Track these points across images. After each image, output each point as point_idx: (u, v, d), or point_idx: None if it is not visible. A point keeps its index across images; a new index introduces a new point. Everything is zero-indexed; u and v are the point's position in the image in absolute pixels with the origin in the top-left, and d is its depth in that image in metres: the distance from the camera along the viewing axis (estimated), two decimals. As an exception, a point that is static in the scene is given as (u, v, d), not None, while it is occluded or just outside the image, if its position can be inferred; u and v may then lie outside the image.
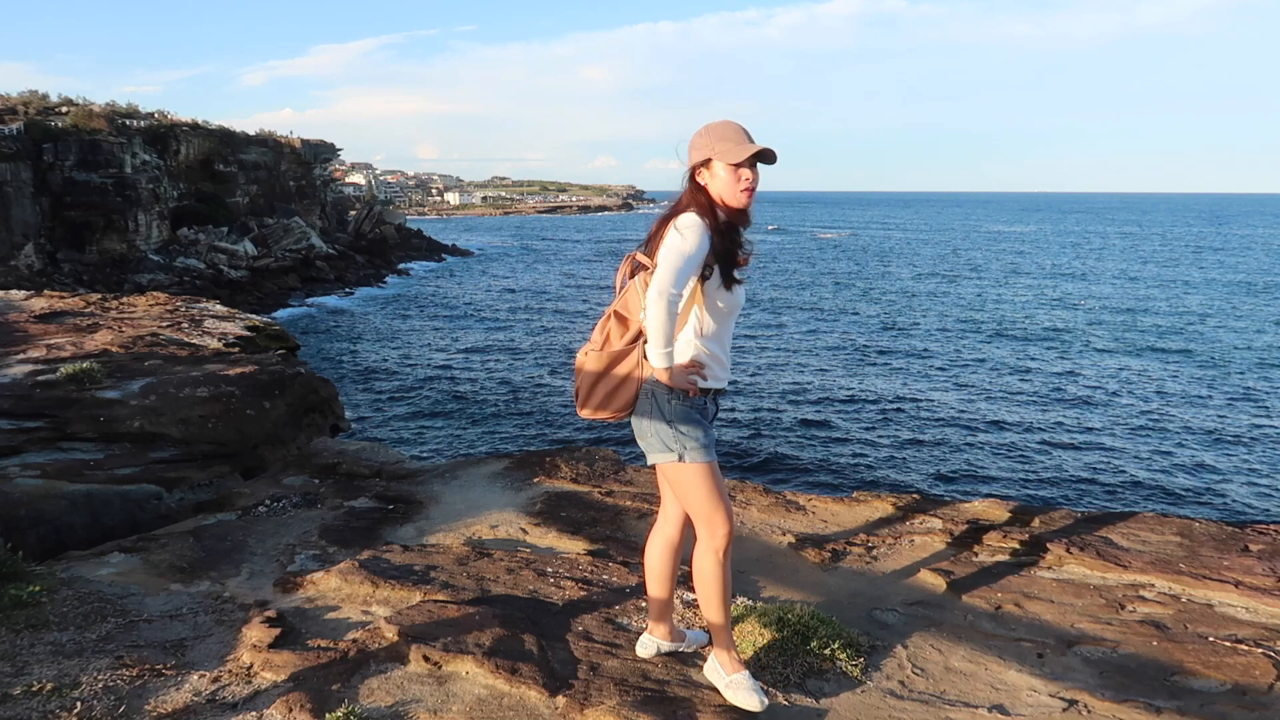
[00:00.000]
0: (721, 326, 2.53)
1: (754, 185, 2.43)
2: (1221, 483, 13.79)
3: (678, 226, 2.39)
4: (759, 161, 2.44)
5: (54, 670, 2.75)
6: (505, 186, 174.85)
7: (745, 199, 2.44)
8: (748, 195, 2.44)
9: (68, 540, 4.36)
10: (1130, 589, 3.40)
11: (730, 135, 2.41)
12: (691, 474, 2.52)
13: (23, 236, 28.08)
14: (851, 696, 2.68)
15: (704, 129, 2.45)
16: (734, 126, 2.43)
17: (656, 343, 2.41)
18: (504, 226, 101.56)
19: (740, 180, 2.41)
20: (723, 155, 2.40)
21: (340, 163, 71.91)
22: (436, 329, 28.78)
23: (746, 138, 2.41)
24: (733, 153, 2.39)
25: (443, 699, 2.61)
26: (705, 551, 2.57)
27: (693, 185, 2.47)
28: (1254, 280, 43.22)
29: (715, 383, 2.55)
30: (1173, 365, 22.62)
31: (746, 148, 2.38)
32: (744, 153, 2.38)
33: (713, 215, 2.42)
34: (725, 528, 2.54)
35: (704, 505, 2.54)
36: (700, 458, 2.50)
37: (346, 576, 3.48)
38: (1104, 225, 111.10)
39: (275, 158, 43.35)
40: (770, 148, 2.39)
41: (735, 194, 2.43)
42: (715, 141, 2.41)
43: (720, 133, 2.42)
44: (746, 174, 2.42)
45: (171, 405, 5.59)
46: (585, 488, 4.74)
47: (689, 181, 2.48)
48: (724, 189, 2.44)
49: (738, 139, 2.41)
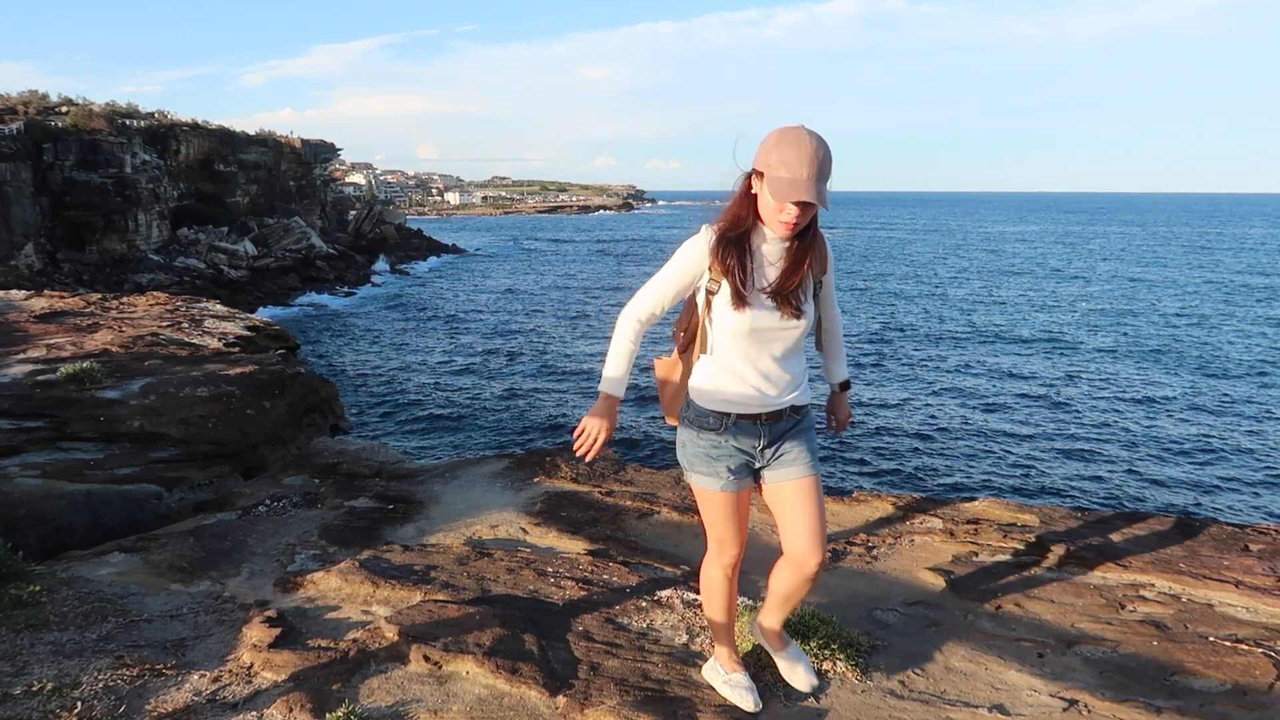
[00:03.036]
0: (742, 347, 2.31)
1: (797, 222, 2.17)
2: (1222, 483, 13.79)
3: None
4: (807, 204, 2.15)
5: (54, 670, 2.75)
6: (505, 186, 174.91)
7: (781, 230, 2.21)
8: (786, 229, 2.19)
9: (68, 540, 4.36)
10: (1130, 589, 3.40)
11: (790, 162, 2.09)
12: (698, 493, 2.48)
13: (23, 236, 28.07)
14: (851, 696, 2.68)
15: (776, 136, 2.14)
16: (799, 150, 2.09)
17: (608, 358, 2.40)
18: (504, 226, 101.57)
19: (782, 211, 2.16)
20: (771, 183, 2.13)
21: (340, 163, 71.93)
22: (437, 329, 28.77)
23: (807, 170, 2.08)
24: (780, 186, 2.11)
25: (443, 699, 2.61)
26: (712, 565, 2.58)
27: (744, 190, 2.26)
28: (1254, 282, 43.21)
29: (731, 406, 2.36)
30: (1173, 365, 22.62)
31: (795, 188, 2.09)
32: (788, 194, 2.10)
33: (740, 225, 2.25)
34: (733, 552, 2.51)
35: (712, 526, 2.51)
36: (702, 483, 2.43)
37: (347, 576, 3.48)
38: (1104, 225, 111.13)
39: (275, 158, 43.33)
40: (814, 201, 2.10)
41: (774, 222, 2.21)
42: (775, 160, 2.12)
43: (783, 154, 2.10)
44: (791, 210, 2.15)
45: (171, 405, 5.59)
46: (585, 488, 4.74)
47: (742, 183, 2.26)
48: (766, 212, 2.22)
49: (795, 171, 2.09)
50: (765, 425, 2.38)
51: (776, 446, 2.41)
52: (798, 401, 2.41)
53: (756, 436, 2.39)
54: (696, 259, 2.30)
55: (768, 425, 2.39)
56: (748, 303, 2.24)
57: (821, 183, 2.10)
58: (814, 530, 2.37)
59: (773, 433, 2.40)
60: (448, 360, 23.51)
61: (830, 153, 2.11)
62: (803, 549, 2.37)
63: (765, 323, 2.28)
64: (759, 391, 2.34)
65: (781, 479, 2.41)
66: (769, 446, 2.40)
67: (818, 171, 2.09)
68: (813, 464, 2.43)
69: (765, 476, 2.44)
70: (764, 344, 2.31)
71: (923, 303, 34.93)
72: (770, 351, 2.32)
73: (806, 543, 2.36)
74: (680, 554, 3.90)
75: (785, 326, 2.29)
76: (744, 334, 2.28)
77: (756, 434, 2.38)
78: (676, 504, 4.44)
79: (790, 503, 2.39)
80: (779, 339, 2.31)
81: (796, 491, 2.38)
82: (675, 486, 4.74)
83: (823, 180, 2.10)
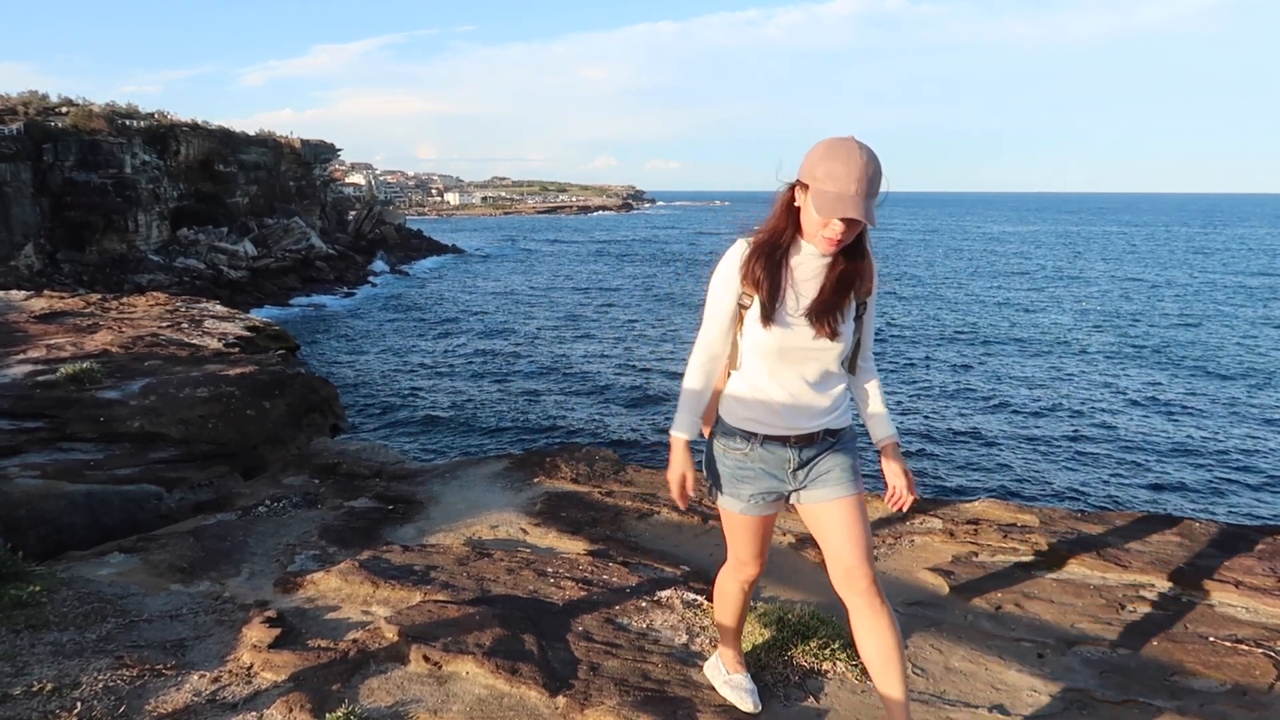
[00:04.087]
0: (770, 366, 2.19)
1: (841, 239, 2.05)
2: (1222, 483, 13.79)
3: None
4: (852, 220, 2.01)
5: (54, 670, 2.75)
6: (505, 187, 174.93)
7: (825, 247, 2.08)
8: (829, 244, 2.06)
9: (68, 540, 4.36)
10: (1130, 589, 3.41)
11: (837, 176, 1.96)
12: (721, 511, 2.40)
13: (23, 237, 28.06)
14: (851, 696, 2.68)
15: (823, 147, 2.01)
16: (847, 164, 1.96)
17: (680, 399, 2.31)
18: (503, 227, 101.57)
19: (825, 227, 2.04)
20: (816, 197, 2.01)
21: (340, 163, 71.92)
22: (436, 329, 28.76)
23: (855, 185, 1.95)
24: (826, 201, 1.98)
25: (443, 699, 2.61)
26: (730, 578, 2.53)
27: (786, 201, 2.13)
28: (1254, 283, 43.22)
29: (758, 427, 2.24)
30: (1172, 366, 22.62)
31: (842, 204, 1.96)
32: (834, 209, 1.97)
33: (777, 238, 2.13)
34: (752, 573, 2.46)
35: (733, 545, 2.44)
36: (725, 502, 2.34)
37: (346, 576, 3.48)
38: (1104, 226, 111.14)
39: (275, 158, 43.33)
40: (862, 218, 1.97)
41: (817, 237, 2.07)
42: (821, 173, 1.99)
43: (830, 167, 1.97)
44: (836, 226, 2.02)
45: (171, 405, 5.59)
46: (585, 488, 4.74)
47: (784, 193, 2.13)
48: (809, 226, 2.08)
49: (843, 186, 1.96)
50: (796, 447, 2.25)
51: (810, 466, 2.27)
52: (833, 425, 2.26)
53: (786, 459, 2.25)
54: (731, 272, 2.19)
55: (798, 447, 2.25)
56: (775, 320, 2.12)
57: (870, 199, 1.97)
58: (859, 544, 2.21)
59: (805, 455, 2.26)
60: (447, 360, 23.51)
61: (881, 167, 1.98)
62: (848, 561, 2.21)
63: (796, 342, 2.15)
64: (788, 414, 2.21)
65: (819, 500, 2.26)
66: (801, 468, 2.27)
67: (866, 188, 1.96)
68: (853, 481, 2.26)
69: (801, 498, 2.30)
70: (794, 364, 2.18)
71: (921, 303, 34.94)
72: (802, 373, 2.19)
73: (852, 555, 2.21)
74: (680, 554, 3.90)
75: (818, 348, 2.16)
76: (772, 353, 2.17)
77: (786, 456, 2.25)
78: (676, 504, 4.43)
79: (831, 524, 2.24)
80: (811, 360, 2.18)
81: (837, 512, 2.24)
82: (675, 487, 4.73)
83: (872, 197, 1.97)
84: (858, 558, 2.19)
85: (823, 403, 2.22)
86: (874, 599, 2.19)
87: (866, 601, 2.19)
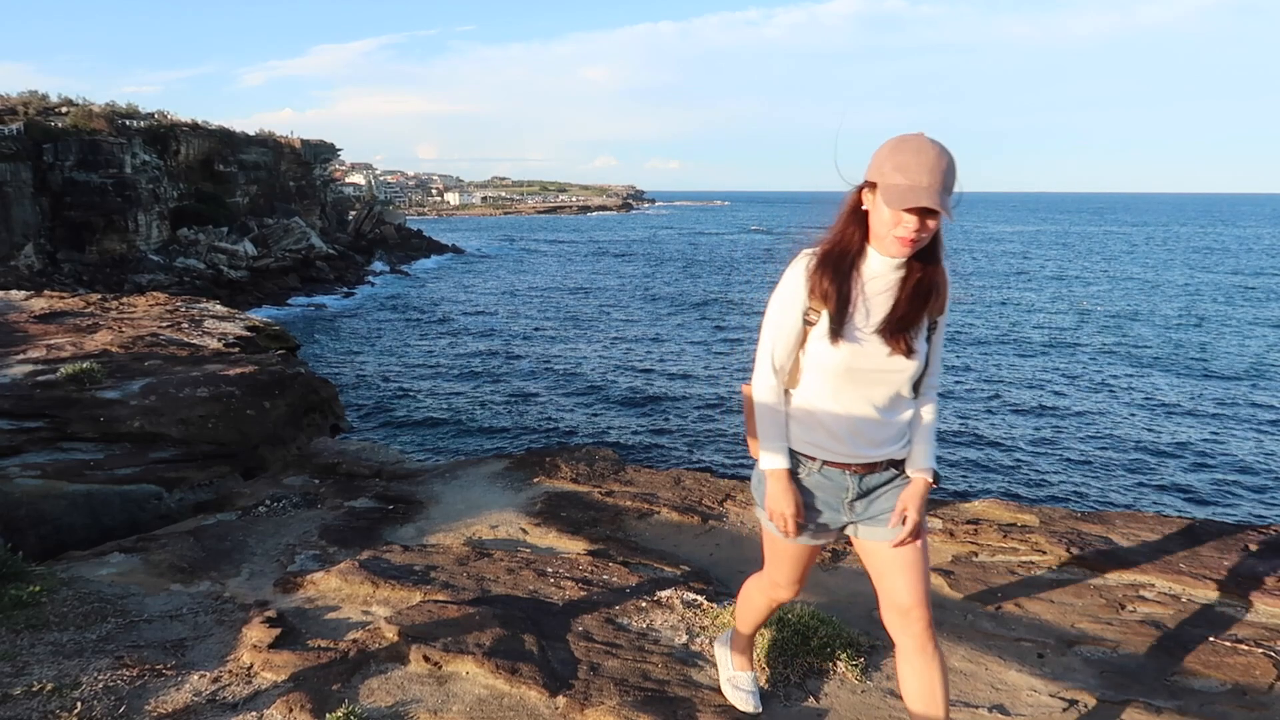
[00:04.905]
0: (835, 387, 2.02)
1: (916, 237, 1.86)
2: (1222, 483, 13.79)
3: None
4: (928, 214, 1.84)
5: (54, 670, 2.75)
6: (505, 186, 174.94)
7: (897, 250, 1.89)
8: (901, 245, 1.88)
9: (68, 540, 4.36)
10: (1130, 589, 3.41)
11: (908, 167, 1.80)
12: (765, 533, 2.27)
13: (23, 236, 28.08)
14: (851, 696, 2.68)
15: (892, 143, 1.86)
16: (918, 156, 1.81)
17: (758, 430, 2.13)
18: (503, 226, 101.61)
19: (898, 224, 1.85)
20: (886, 191, 1.84)
21: (340, 163, 71.94)
22: (436, 329, 28.77)
23: (927, 177, 1.79)
24: (896, 193, 1.81)
25: (443, 699, 2.61)
26: (760, 592, 2.42)
27: (853, 205, 1.96)
28: (1253, 283, 43.21)
29: (817, 451, 2.08)
30: (1172, 366, 22.62)
31: (914, 194, 1.79)
32: (905, 199, 1.80)
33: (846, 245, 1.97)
34: (786, 596, 2.35)
35: (771, 565, 2.31)
36: (771, 527, 2.19)
37: (346, 576, 3.48)
38: (1104, 225, 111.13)
39: (275, 158, 43.35)
40: (938, 208, 1.78)
41: (887, 240, 1.89)
42: (890, 167, 1.84)
43: (899, 159, 1.82)
44: (910, 221, 1.84)
45: (171, 405, 5.59)
46: (585, 488, 4.74)
47: (850, 197, 1.97)
48: (879, 227, 1.90)
49: (914, 178, 1.80)
50: (856, 476, 2.08)
51: (870, 498, 2.10)
52: (898, 455, 2.10)
53: (844, 488, 2.09)
54: (797, 288, 2.01)
55: (859, 476, 2.08)
56: (845, 337, 1.95)
57: (945, 194, 1.81)
58: (918, 587, 2.07)
59: (865, 485, 2.09)
60: (447, 360, 23.52)
61: (955, 163, 1.83)
62: (905, 603, 2.07)
63: (866, 362, 1.97)
64: (851, 440, 2.04)
65: (879, 538, 2.10)
66: (861, 498, 2.10)
67: (941, 181, 1.79)
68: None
69: (859, 532, 2.14)
70: (862, 386, 2.00)
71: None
72: (869, 396, 2.01)
73: (910, 598, 2.07)
74: (680, 554, 3.90)
75: (889, 369, 1.98)
76: (839, 373, 1.99)
77: (845, 485, 2.09)
78: (676, 504, 4.44)
79: (890, 564, 2.09)
80: (880, 382, 2.00)
81: (899, 553, 2.08)
82: (675, 487, 4.74)
83: (946, 192, 1.81)
84: (915, 600, 2.06)
85: (889, 429, 2.05)
86: (928, 643, 2.06)
87: (919, 645, 2.07)
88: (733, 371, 21.51)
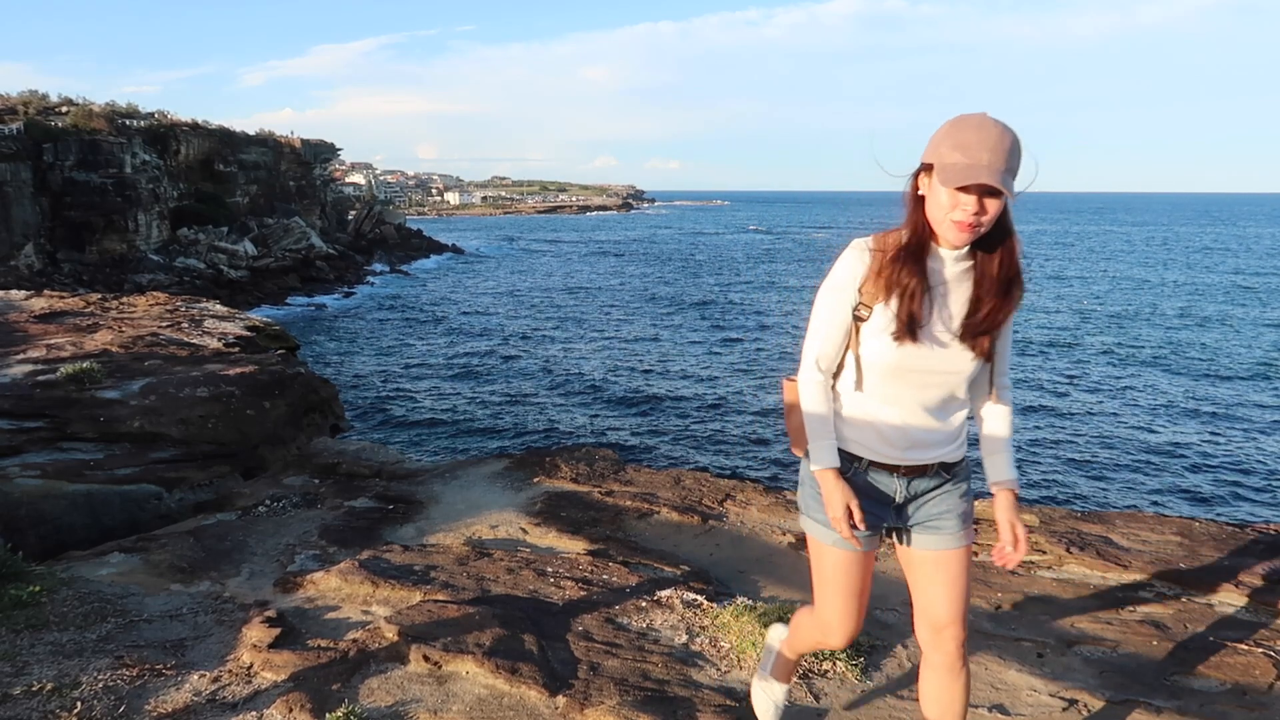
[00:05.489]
0: (888, 387, 1.91)
1: (976, 222, 1.72)
2: (1222, 483, 13.79)
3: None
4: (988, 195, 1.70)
5: (54, 670, 2.75)
6: (505, 186, 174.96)
7: (955, 236, 1.76)
8: (960, 231, 1.74)
9: (68, 540, 4.36)
10: (1130, 589, 3.41)
11: (967, 145, 1.68)
12: (810, 542, 2.09)
13: (23, 236, 28.08)
14: (851, 696, 2.68)
15: (950, 123, 1.74)
16: (978, 133, 1.68)
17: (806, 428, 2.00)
18: (503, 226, 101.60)
19: (955, 208, 1.72)
20: (942, 171, 1.71)
21: (340, 163, 71.94)
22: (436, 329, 28.77)
23: (988, 155, 1.66)
24: (952, 172, 1.69)
25: (443, 699, 2.61)
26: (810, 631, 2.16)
27: (912, 192, 1.84)
28: (1253, 283, 43.22)
29: (863, 451, 1.97)
30: (1172, 366, 22.62)
31: (973, 172, 1.66)
32: (963, 176, 1.67)
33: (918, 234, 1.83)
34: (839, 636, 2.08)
35: (819, 590, 2.08)
36: (816, 531, 2.04)
37: (346, 576, 3.48)
38: (1104, 225, 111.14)
39: (275, 158, 43.33)
40: (998, 185, 1.65)
41: (945, 224, 1.75)
42: (947, 147, 1.71)
43: (958, 136, 1.70)
44: (967, 203, 1.70)
45: (171, 405, 5.59)
46: (585, 488, 4.74)
47: (910, 184, 1.84)
48: (935, 211, 1.77)
49: (974, 154, 1.67)
50: (905, 478, 1.98)
51: (918, 503, 2.01)
52: (949, 458, 1.99)
53: (893, 490, 1.99)
54: (848, 279, 1.89)
55: (906, 479, 1.98)
56: (907, 334, 1.82)
57: (1009, 175, 1.67)
58: (958, 603, 1.99)
59: (913, 489, 1.99)
60: (447, 360, 23.51)
61: (1020, 144, 1.69)
62: (942, 619, 1.99)
63: (922, 362, 1.86)
64: (901, 441, 1.94)
65: (923, 546, 2.02)
66: (908, 503, 2.01)
67: (1004, 162, 1.66)
68: (965, 531, 2.01)
69: (903, 538, 2.06)
70: (915, 387, 1.89)
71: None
72: (921, 397, 1.90)
73: (948, 613, 1.99)
74: (680, 554, 3.90)
75: (945, 370, 1.87)
76: (893, 372, 1.88)
77: (893, 487, 1.98)
78: (676, 504, 4.44)
79: (932, 576, 2.01)
80: (935, 384, 1.89)
81: (942, 564, 1.99)
82: (675, 486, 4.74)
83: (1010, 173, 1.67)
84: (953, 616, 1.99)
85: (942, 432, 1.95)
86: (957, 661, 2.01)
87: (949, 664, 2.01)
88: (732, 371, 21.51)
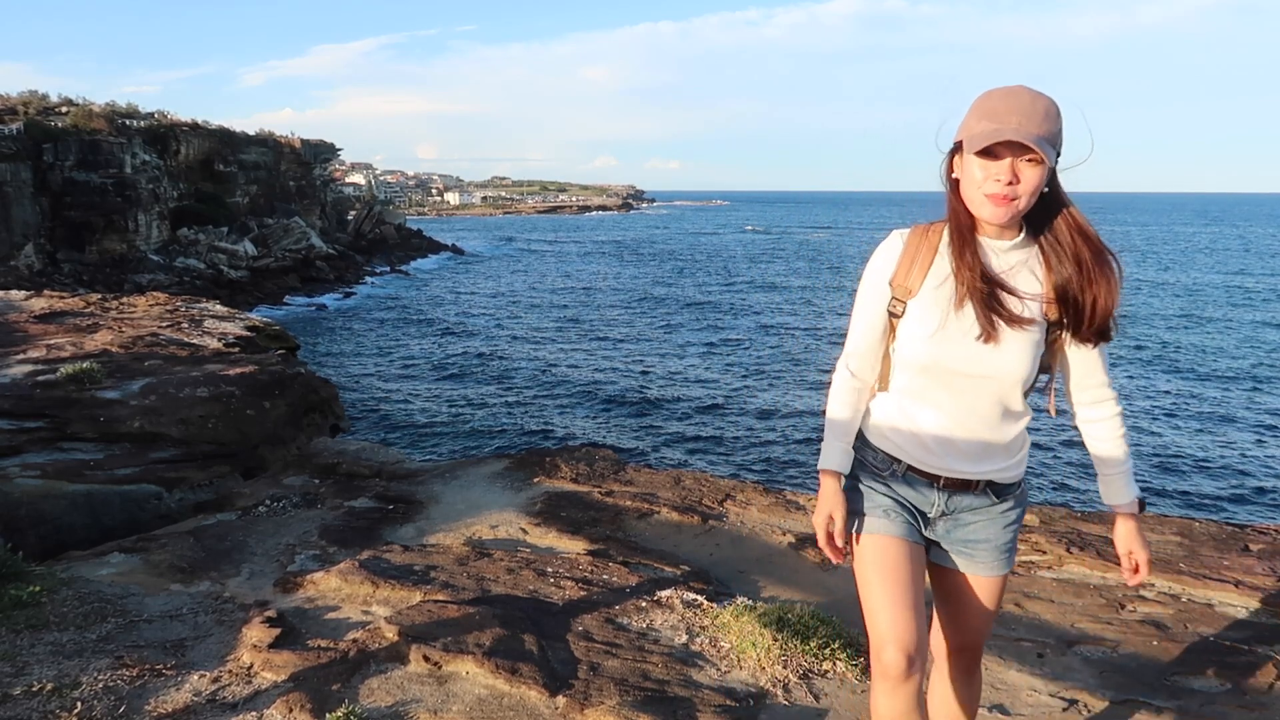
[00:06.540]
0: (923, 387, 1.74)
1: (1012, 193, 1.57)
2: (1222, 483, 13.79)
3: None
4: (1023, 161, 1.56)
5: (54, 670, 2.75)
6: (505, 186, 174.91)
7: (988, 210, 1.61)
8: (994, 205, 1.59)
9: (68, 540, 4.36)
10: (1130, 589, 3.41)
11: (996, 112, 1.55)
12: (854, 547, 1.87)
13: (23, 236, 28.07)
14: (851, 696, 2.68)
15: (982, 95, 1.62)
16: (1007, 99, 1.56)
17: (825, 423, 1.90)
18: (503, 226, 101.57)
19: (986, 179, 1.58)
20: (970, 141, 1.59)
21: (340, 163, 71.90)
22: (436, 329, 28.77)
23: (1016, 118, 1.53)
24: (978, 137, 1.56)
25: (443, 699, 2.61)
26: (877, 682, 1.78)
27: (946, 174, 1.71)
28: (1253, 284, 43.22)
29: (901, 454, 1.80)
30: (1172, 367, 22.63)
31: (997, 132, 1.53)
32: (985, 138, 1.54)
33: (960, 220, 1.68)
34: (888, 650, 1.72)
35: (862, 597, 1.83)
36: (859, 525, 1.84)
37: (346, 576, 3.48)
38: (1103, 225, 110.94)
39: (275, 158, 43.32)
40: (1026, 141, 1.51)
41: (976, 197, 1.62)
42: (975, 116, 1.59)
43: (985, 105, 1.58)
44: (998, 170, 1.57)
45: (171, 405, 5.59)
46: (585, 488, 4.74)
47: (945, 168, 1.72)
48: (969, 190, 1.63)
49: (1002, 118, 1.54)
50: (945, 491, 1.79)
51: (956, 521, 1.82)
52: (999, 478, 1.78)
53: (930, 501, 1.81)
54: (880, 274, 1.78)
55: (948, 492, 1.79)
56: (939, 331, 1.68)
57: (1043, 139, 1.53)
58: (984, 627, 1.91)
59: (953, 504, 1.80)
60: (447, 360, 23.51)
61: (1057, 111, 1.56)
62: (966, 640, 1.94)
63: (962, 363, 1.68)
64: (942, 450, 1.75)
65: (950, 564, 1.87)
66: (945, 516, 1.82)
67: (1037, 127, 1.53)
68: (1004, 560, 1.83)
69: (933, 554, 1.88)
70: (956, 391, 1.71)
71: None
72: (965, 404, 1.71)
73: (972, 635, 1.93)
74: (680, 554, 3.90)
75: (986, 373, 1.68)
76: (927, 371, 1.72)
77: (930, 499, 1.80)
78: (676, 504, 4.44)
79: (962, 599, 1.88)
80: (977, 390, 1.70)
81: (974, 589, 1.86)
82: (675, 486, 4.74)
83: (1045, 139, 1.53)
84: (976, 638, 1.93)
85: (991, 445, 1.74)
86: (971, 675, 1.99)
87: (962, 673, 1.99)
88: (732, 372, 21.50)
